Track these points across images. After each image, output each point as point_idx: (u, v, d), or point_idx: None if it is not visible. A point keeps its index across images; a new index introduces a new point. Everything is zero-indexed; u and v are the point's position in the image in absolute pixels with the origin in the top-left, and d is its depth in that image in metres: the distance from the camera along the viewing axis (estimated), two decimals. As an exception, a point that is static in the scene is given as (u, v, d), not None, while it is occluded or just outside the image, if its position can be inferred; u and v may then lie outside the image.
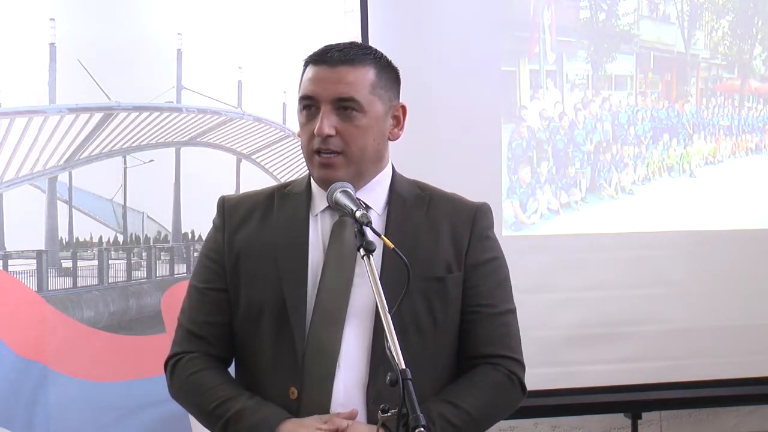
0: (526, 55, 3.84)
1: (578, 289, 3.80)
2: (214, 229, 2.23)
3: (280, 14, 3.54)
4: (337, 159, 2.08)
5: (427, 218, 2.17)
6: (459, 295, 2.15)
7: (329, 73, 2.08)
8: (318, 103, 2.08)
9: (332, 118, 2.07)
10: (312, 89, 2.09)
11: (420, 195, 2.20)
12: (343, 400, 2.05)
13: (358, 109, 2.08)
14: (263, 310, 2.11)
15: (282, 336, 2.08)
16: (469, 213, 2.20)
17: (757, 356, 3.95)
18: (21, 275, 3.19)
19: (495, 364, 2.15)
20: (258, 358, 2.12)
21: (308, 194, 2.18)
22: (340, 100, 2.07)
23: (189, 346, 2.18)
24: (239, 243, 2.17)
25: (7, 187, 3.18)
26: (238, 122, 3.54)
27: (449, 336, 2.16)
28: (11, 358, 3.12)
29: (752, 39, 4.07)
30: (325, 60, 2.10)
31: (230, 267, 2.16)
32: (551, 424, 4.19)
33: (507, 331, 2.19)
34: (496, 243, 2.22)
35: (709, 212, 3.98)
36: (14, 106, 3.19)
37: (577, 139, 3.89)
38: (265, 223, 2.17)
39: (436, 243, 2.15)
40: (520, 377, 2.18)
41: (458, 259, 2.15)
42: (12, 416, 3.12)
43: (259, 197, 2.22)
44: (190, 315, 2.20)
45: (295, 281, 2.09)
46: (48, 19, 3.22)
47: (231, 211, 2.21)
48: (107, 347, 3.28)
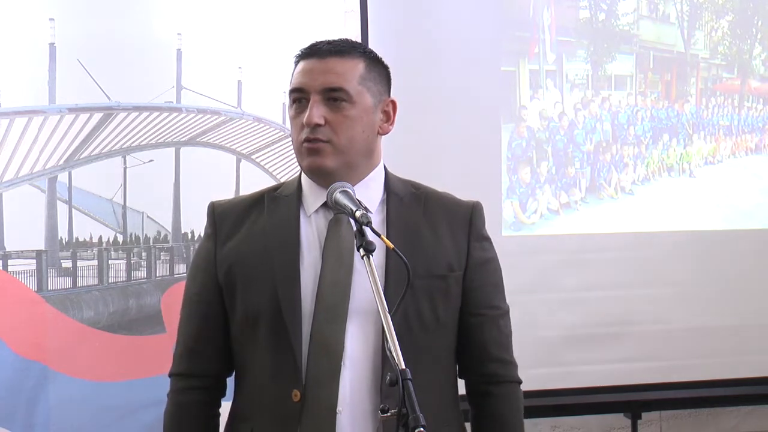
0: (525, 55, 3.84)
1: (578, 289, 3.80)
2: (205, 238, 2.22)
3: (280, 14, 3.54)
4: (324, 146, 2.07)
5: (425, 217, 2.17)
6: (459, 293, 2.16)
7: (319, 64, 2.09)
8: (307, 95, 2.08)
9: (321, 108, 2.07)
10: (301, 81, 2.09)
11: (415, 194, 2.20)
12: (350, 398, 2.05)
13: (347, 99, 2.08)
14: (260, 315, 2.10)
15: (280, 339, 2.07)
16: (465, 212, 2.21)
17: (757, 356, 3.95)
18: (21, 275, 3.19)
19: (502, 380, 2.21)
20: (257, 363, 2.12)
21: (299, 195, 2.17)
22: (329, 90, 2.07)
23: (188, 364, 2.20)
24: (232, 250, 2.16)
25: (7, 187, 3.18)
26: (237, 122, 3.54)
27: (451, 334, 2.17)
28: (11, 358, 3.12)
29: (752, 39, 4.07)
30: (314, 52, 2.11)
31: (224, 275, 2.15)
32: (551, 424, 4.19)
33: (508, 332, 2.24)
34: (491, 242, 2.24)
35: (708, 212, 3.98)
36: (14, 106, 3.19)
37: (577, 139, 3.89)
38: (256, 227, 2.16)
39: (437, 241, 2.15)
40: (520, 380, 2.25)
41: (458, 258, 2.16)
42: (12, 416, 3.12)
43: (249, 202, 2.21)
44: (187, 329, 2.21)
45: (290, 283, 2.08)
46: (48, 19, 3.22)
47: (222, 217, 2.20)
48: (107, 347, 3.28)
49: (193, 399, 2.19)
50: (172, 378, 2.23)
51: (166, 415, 2.22)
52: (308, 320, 2.07)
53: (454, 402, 2.19)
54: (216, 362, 2.19)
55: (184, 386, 2.20)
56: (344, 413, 2.04)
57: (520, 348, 3.15)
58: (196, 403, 2.20)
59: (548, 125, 3.85)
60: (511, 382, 2.22)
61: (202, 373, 2.19)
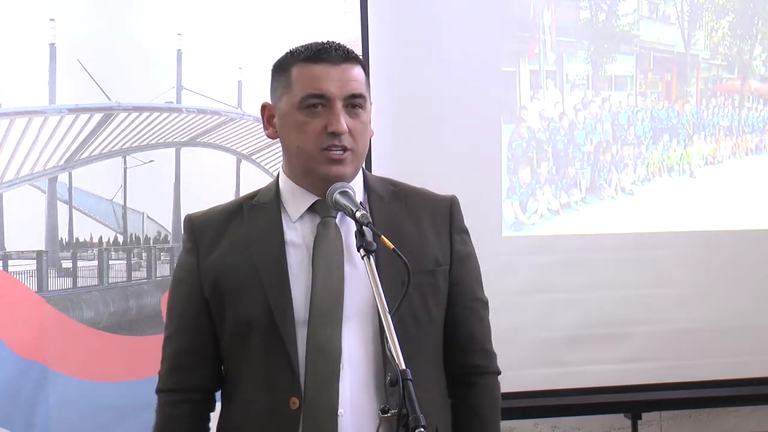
0: (526, 56, 3.84)
1: (578, 289, 3.80)
2: (185, 252, 2.18)
3: (280, 14, 3.54)
4: (347, 155, 2.07)
5: (407, 214, 2.17)
6: (446, 288, 2.17)
7: (337, 71, 2.07)
8: (327, 101, 2.06)
9: (344, 115, 2.06)
10: (323, 87, 2.06)
11: (394, 191, 2.20)
12: (351, 400, 2.04)
13: (363, 106, 2.09)
14: (252, 324, 2.08)
15: (274, 347, 2.05)
16: (444, 206, 2.22)
17: (757, 356, 3.95)
18: (21, 275, 3.19)
19: (485, 371, 2.23)
20: (250, 374, 2.10)
21: (278, 202, 2.15)
22: (352, 97, 2.07)
23: (176, 379, 2.18)
24: (216, 263, 2.13)
25: (7, 187, 3.18)
26: (238, 122, 3.54)
27: (440, 329, 2.18)
28: (11, 358, 3.12)
29: (752, 39, 4.07)
30: (326, 58, 2.08)
31: (210, 289, 2.13)
32: (551, 425, 4.18)
33: (489, 324, 2.27)
34: (469, 235, 2.25)
35: (709, 213, 3.98)
36: (14, 107, 3.19)
37: (577, 140, 3.88)
38: (238, 237, 2.13)
39: (421, 237, 2.16)
40: (500, 370, 2.28)
41: (443, 252, 2.17)
42: (12, 416, 3.13)
43: (227, 212, 2.18)
44: (173, 344, 2.19)
45: (280, 290, 2.07)
46: (48, 19, 3.23)
47: (201, 230, 2.16)
48: (107, 347, 3.29)
49: (182, 412, 2.17)
50: (160, 394, 2.20)
51: (155, 429, 2.19)
52: (302, 326, 2.06)
53: (445, 395, 2.20)
54: (204, 377, 2.18)
55: (172, 401, 2.18)
56: (346, 415, 2.04)
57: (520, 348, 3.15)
58: (186, 417, 2.17)
59: (548, 125, 3.85)
60: (493, 372, 2.25)
61: (190, 387, 2.17)
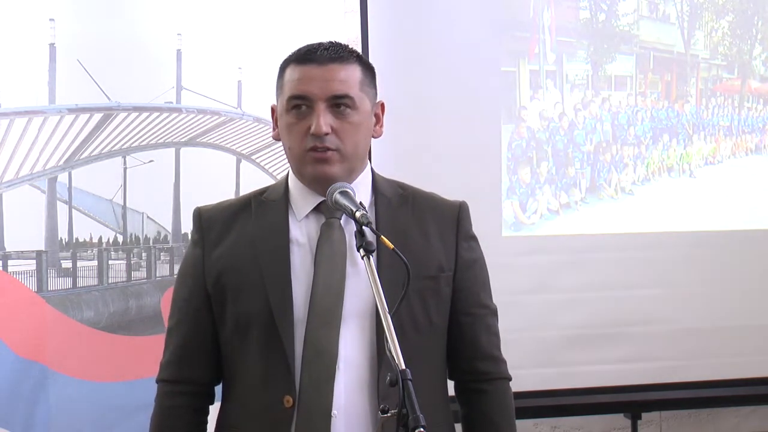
0: (525, 56, 3.84)
1: (578, 289, 3.80)
2: (192, 245, 2.19)
3: (280, 14, 3.54)
4: (332, 154, 2.06)
5: (414, 218, 2.17)
6: (449, 294, 2.16)
7: (321, 71, 2.07)
8: (311, 102, 2.06)
9: (327, 116, 2.05)
10: (304, 88, 2.07)
11: (402, 195, 2.20)
12: (345, 401, 2.04)
13: (351, 106, 2.07)
14: (251, 321, 2.09)
15: (272, 345, 2.06)
16: (452, 212, 2.21)
17: (757, 356, 3.95)
18: (21, 275, 3.19)
19: (494, 377, 2.22)
20: (248, 370, 2.10)
21: (286, 200, 2.16)
22: (335, 98, 2.06)
23: (176, 370, 2.18)
24: (221, 257, 2.14)
25: (7, 187, 3.18)
26: (237, 122, 3.54)
27: (442, 336, 2.18)
28: (11, 358, 3.12)
29: (752, 39, 4.07)
30: (313, 58, 2.08)
31: (213, 283, 2.14)
32: (551, 425, 4.19)
33: (497, 331, 2.25)
34: (478, 241, 2.24)
35: (709, 212, 3.98)
36: (14, 107, 3.19)
37: (577, 140, 3.88)
38: (245, 233, 2.14)
39: (426, 242, 2.15)
40: (510, 376, 2.26)
41: (448, 259, 2.16)
42: (12, 416, 3.13)
43: (236, 207, 2.19)
44: (175, 335, 2.19)
45: (281, 289, 2.07)
46: (48, 19, 3.22)
47: (208, 224, 2.17)
48: (107, 347, 3.28)
49: (180, 403, 2.18)
50: (159, 384, 2.21)
51: (152, 419, 2.20)
52: (301, 325, 2.06)
53: (445, 403, 2.19)
54: (205, 369, 2.18)
55: (171, 391, 2.19)
56: (339, 417, 2.04)
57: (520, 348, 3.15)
58: (183, 408, 2.18)
59: (548, 125, 3.85)
60: (503, 378, 2.23)
61: (190, 379, 2.18)
